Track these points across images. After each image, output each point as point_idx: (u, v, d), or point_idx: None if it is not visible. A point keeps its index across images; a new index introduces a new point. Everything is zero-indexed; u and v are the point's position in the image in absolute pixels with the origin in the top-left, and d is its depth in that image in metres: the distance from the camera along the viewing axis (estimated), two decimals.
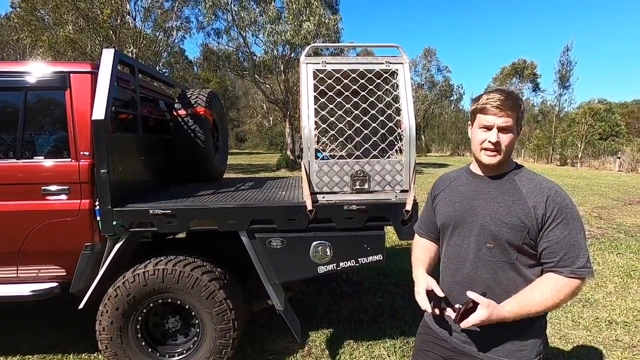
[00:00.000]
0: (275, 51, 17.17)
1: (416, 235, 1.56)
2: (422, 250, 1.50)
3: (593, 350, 2.78)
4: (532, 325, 1.21)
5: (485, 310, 1.09)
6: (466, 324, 1.11)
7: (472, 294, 1.13)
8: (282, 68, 18.01)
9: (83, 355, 2.62)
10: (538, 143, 27.18)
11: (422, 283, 1.32)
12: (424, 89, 42.39)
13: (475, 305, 1.12)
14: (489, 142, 1.18)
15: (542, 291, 1.13)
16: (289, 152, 19.09)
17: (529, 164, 25.70)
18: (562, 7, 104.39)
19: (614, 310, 3.38)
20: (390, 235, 5.02)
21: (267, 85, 21.33)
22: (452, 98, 43.79)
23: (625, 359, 2.67)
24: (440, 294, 1.26)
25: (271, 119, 43.55)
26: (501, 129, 1.18)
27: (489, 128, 1.19)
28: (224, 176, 3.98)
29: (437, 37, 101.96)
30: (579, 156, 23.89)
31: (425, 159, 31.27)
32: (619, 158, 20.37)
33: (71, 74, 2.25)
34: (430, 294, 1.27)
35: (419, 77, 42.93)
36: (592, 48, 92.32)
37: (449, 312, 1.18)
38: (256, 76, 19.38)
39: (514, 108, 1.17)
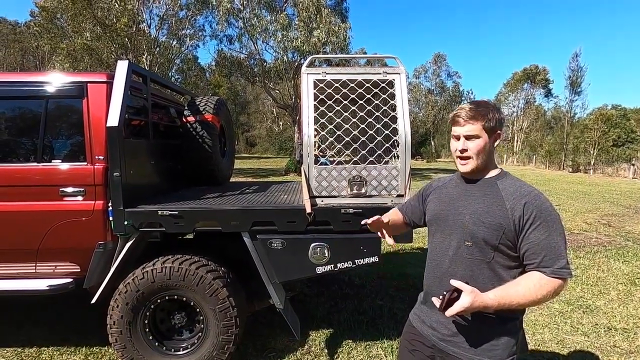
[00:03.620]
0: (285, 57, 17.45)
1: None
2: (396, 212, 1.70)
3: (590, 355, 2.81)
4: (505, 325, 1.27)
5: (469, 297, 1.12)
6: (451, 311, 1.13)
7: (455, 282, 1.16)
8: (291, 74, 18.26)
9: (94, 348, 2.76)
10: (550, 149, 26.82)
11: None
12: (433, 95, 42.36)
13: (459, 294, 1.15)
14: (458, 149, 1.30)
15: (525, 285, 1.18)
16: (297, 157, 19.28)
17: (540, 170, 25.36)
18: (577, 12, 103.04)
19: (614, 317, 3.39)
20: None
21: (277, 91, 21.64)
22: (462, 103, 43.57)
23: None
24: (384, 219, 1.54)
25: (281, 123, 43.94)
26: (467, 137, 1.28)
27: (457, 137, 1.31)
28: (231, 180, 4.13)
29: (447, 42, 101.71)
30: (592, 163, 23.49)
31: (435, 164, 31.12)
32: (633, 165, 19.99)
33: (88, 84, 2.42)
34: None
35: (429, 83, 43.01)
36: (607, 53, 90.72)
37: (434, 301, 1.22)
38: (266, 82, 19.68)
39: (477, 117, 1.26)
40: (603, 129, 25.13)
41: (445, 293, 1.16)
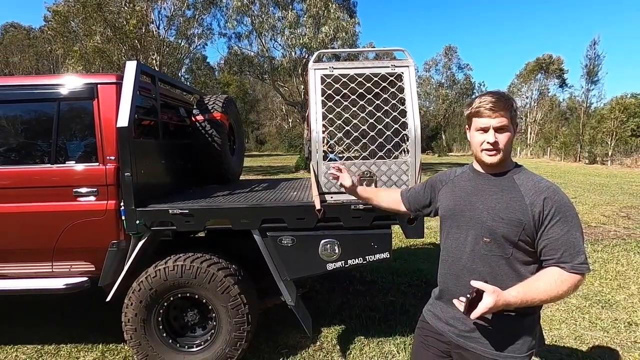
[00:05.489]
0: (293, 54, 17.43)
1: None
2: (388, 192, 1.85)
3: (609, 351, 2.73)
4: (523, 320, 1.25)
5: (492, 297, 1.10)
6: (475, 314, 1.11)
7: (476, 283, 1.14)
8: (300, 71, 18.23)
9: (111, 345, 2.82)
10: (565, 141, 26.20)
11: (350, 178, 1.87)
12: (444, 88, 41.79)
13: (479, 294, 1.12)
14: (488, 142, 1.24)
15: (546, 281, 1.16)
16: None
17: (555, 162, 24.82)
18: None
19: (635, 312, 3.29)
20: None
21: (286, 88, 21.63)
22: (473, 96, 42.89)
23: None
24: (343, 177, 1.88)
25: (290, 121, 43.99)
26: (497, 129, 1.23)
27: (485, 130, 1.25)
28: (241, 178, 4.14)
29: (458, 34, 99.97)
30: (610, 154, 22.86)
31: (446, 159, 30.74)
32: None
33: (99, 85, 2.44)
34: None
35: (440, 76, 42.46)
36: (625, 40, 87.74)
37: (457, 305, 1.20)
38: (275, 79, 19.68)
39: (506, 108, 1.22)
40: (621, 118, 24.36)
41: (468, 296, 1.14)
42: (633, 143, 23.97)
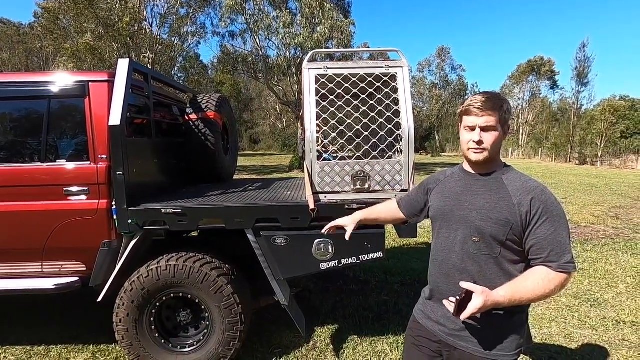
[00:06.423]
0: (288, 54, 17.41)
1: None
2: (385, 205, 1.76)
3: (598, 349, 2.78)
4: (512, 318, 1.26)
5: (481, 297, 1.12)
6: (465, 315, 1.12)
7: (465, 284, 1.16)
8: (294, 70, 18.20)
9: (102, 346, 2.79)
10: (556, 142, 26.57)
11: (346, 219, 1.74)
12: (437, 89, 42.11)
13: (469, 295, 1.14)
14: (473, 141, 1.26)
15: (534, 280, 1.18)
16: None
17: (546, 163, 25.13)
18: (583, 1, 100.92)
19: (623, 310, 3.35)
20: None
21: (280, 88, 21.58)
22: (466, 97, 43.23)
23: (630, 358, 2.66)
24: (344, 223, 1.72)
25: (284, 120, 43.91)
26: (483, 128, 1.25)
27: (472, 128, 1.27)
28: (235, 177, 4.13)
29: (451, 35, 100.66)
30: (599, 155, 23.23)
31: (439, 159, 30.94)
32: None
33: (90, 83, 2.41)
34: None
35: (433, 77, 42.77)
36: (616, 42, 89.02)
37: (447, 306, 1.21)
38: (269, 78, 19.62)
39: (494, 108, 1.24)
40: (611, 120, 24.79)
41: (457, 297, 1.15)
42: (622, 144, 24.40)
